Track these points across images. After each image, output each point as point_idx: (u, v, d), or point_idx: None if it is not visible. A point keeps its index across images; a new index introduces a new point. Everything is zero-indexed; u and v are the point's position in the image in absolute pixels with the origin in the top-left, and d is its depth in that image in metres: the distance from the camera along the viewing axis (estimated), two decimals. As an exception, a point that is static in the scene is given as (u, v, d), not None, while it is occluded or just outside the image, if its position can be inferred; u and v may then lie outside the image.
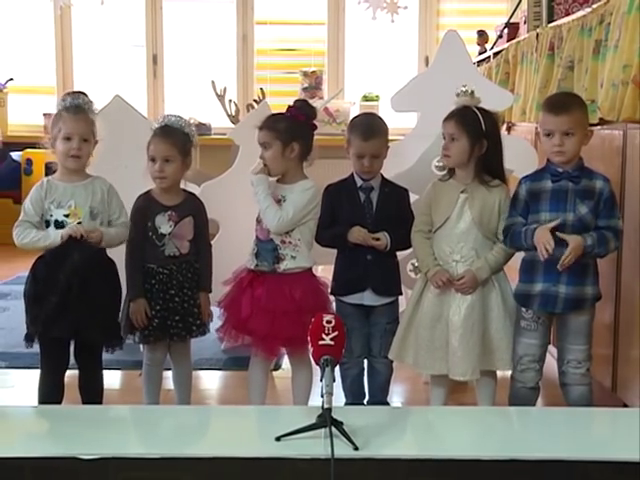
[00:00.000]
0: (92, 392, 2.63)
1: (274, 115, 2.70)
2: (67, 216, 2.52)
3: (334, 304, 2.72)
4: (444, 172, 2.73)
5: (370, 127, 2.69)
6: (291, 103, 2.69)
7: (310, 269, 2.69)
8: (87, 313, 2.48)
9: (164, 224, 2.63)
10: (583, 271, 2.42)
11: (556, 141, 2.42)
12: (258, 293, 2.61)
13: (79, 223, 2.51)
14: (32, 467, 1.80)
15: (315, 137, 2.71)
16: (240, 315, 2.61)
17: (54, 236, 2.49)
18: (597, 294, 2.46)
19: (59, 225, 2.51)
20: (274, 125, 2.62)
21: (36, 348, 2.56)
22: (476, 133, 2.55)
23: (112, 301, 2.60)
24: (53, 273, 2.48)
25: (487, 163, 2.58)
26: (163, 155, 2.62)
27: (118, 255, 2.64)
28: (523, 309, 2.50)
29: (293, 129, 2.62)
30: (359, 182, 2.71)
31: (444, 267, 2.56)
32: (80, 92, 2.63)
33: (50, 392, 2.54)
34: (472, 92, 2.60)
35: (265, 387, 2.75)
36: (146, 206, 2.66)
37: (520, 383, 2.53)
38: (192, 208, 2.69)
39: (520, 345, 2.51)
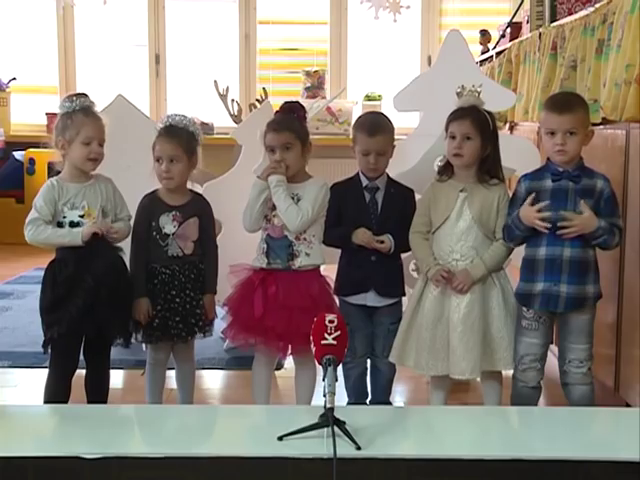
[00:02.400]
0: (98, 391, 2.63)
1: (285, 116, 2.66)
2: (82, 217, 2.53)
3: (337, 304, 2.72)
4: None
5: (376, 124, 2.68)
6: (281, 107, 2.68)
7: (319, 267, 2.69)
8: (111, 313, 2.49)
9: (168, 224, 2.63)
10: (584, 270, 2.42)
11: (558, 140, 2.41)
12: (272, 291, 2.59)
13: (94, 223, 2.52)
14: (35, 466, 1.81)
15: (317, 137, 2.71)
16: (253, 314, 2.58)
17: (75, 234, 2.48)
18: (598, 292, 2.46)
19: (74, 226, 2.51)
20: (293, 126, 2.61)
21: (39, 348, 2.55)
22: (488, 134, 2.56)
23: (128, 300, 2.59)
24: (77, 277, 2.47)
25: (489, 163, 2.58)
26: (169, 155, 2.61)
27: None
28: (524, 308, 2.50)
29: (305, 129, 2.65)
30: (365, 182, 2.70)
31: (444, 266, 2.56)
32: (83, 94, 2.62)
33: (57, 394, 2.53)
34: (479, 93, 2.60)
35: (269, 386, 2.75)
36: (151, 206, 2.65)
37: (522, 382, 2.53)
38: (197, 209, 2.68)
39: (521, 344, 2.51)
